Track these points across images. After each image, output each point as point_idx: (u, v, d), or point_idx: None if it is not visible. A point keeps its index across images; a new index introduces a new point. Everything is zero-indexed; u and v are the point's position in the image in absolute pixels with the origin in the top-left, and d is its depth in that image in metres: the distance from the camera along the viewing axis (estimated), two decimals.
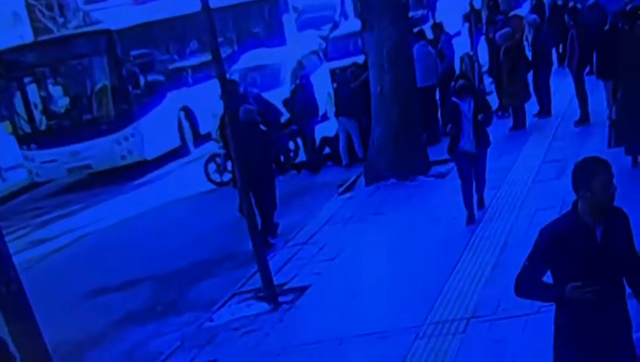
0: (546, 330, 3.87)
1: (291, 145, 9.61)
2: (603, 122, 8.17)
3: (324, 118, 10.17)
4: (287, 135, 9.47)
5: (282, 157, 9.54)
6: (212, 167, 9.18)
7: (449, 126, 5.84)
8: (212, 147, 9.94)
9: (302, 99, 9.04)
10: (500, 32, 8.56)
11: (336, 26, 17.14)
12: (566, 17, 8.41)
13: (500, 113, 9.49)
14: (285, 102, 9.72)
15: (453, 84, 5.94)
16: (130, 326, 5.72)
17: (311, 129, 9.18)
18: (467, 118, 5.66)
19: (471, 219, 5.85)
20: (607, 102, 8.24)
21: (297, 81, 9.32)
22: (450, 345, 4.06)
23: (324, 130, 9.52)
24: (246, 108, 6.54)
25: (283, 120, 9.41)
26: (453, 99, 5.75)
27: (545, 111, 8.87)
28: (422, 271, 5.13)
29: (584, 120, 8.18)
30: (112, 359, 5.23)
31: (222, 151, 9.22)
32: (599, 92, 8.60)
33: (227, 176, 9.14)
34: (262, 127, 8.59)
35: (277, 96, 9.78)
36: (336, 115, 8.93)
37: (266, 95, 9.55)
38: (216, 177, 9.18)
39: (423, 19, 12.82)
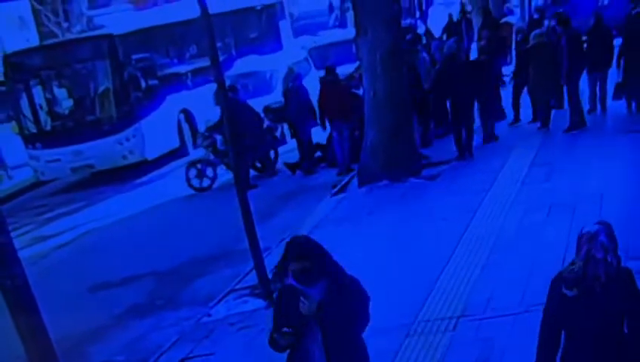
0: (533, 329, 4.02)
1: (272, 153, 9.73)
2: (589, 128, 8.38)
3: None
4: (269, 142, 9.57)
5: (259, 164, 9.62)
6: (193, 172, 9.35)
7: (277, 335, 2.80)
8: None
9: (297, 102, 9.20)
10: (533, 32, 8.77)
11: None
12: (557, 27, 8.62)
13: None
14: (266, 110, 9.87)
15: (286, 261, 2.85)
16: (131, 319, 5.85)
17: (307, 131, 9.35)
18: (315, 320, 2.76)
19: None
20: (589, 95, 8.58)
21: (290, 85, 9.47)
22: (440, 343, 4.17)
23: (315, 135, 9.68)
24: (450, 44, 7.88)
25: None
26: (291, 281, 2.83)
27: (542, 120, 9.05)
28: (413, 270, 5.25)
29: (575, 126, 8.36)
30: (113, 351, 5.36)
31: (204, 157, 9.34)
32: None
33: (206, 182, 9.31)
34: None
35: (268, 103, 10.00)
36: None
37: (257, 101, 9.76)
38: (196, 183, 9.35)
39: (412, 28, 13.02)
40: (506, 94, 9.58)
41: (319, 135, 9.56)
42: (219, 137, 9.09)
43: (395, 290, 5.01)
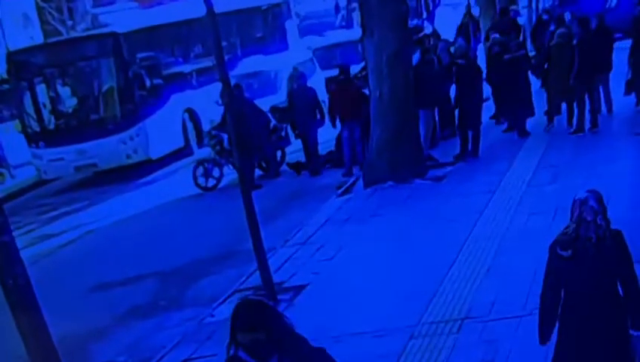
0: (537, 331, 4.01)
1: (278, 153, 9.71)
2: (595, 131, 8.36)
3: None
4: (275, 142, 9.55)
5: (264, 164, 9.60)
6: (200, 171, 9.37)
7: None
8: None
9: (303, 103, 9.18)
10: (558, 32, 8.78)
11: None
12: (575, 27, 8.63)
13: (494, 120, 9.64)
14: (273, 110, 9.85)
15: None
16: (134, 320, 5.86)
17: (314, 132, 9.32)
18: None
19: None
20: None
21: (295, 85, 9.45)
22: (444, 345, 4.17)
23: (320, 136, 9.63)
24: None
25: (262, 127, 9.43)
26: (240, 354, 2.28)
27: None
28: (417, 272, 5.25)
29: (580, 129, 8.34)
30: (116, 351, 5.36)
31: (212, 157, 9.34)
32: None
33: (212, 182, 9.32)
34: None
35: (273, 103, 9.97)
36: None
37: (262, 101, 9.72)
38: (202, 182, 9.36)
39: (418, 29, 13.07)
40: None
41: (322, 136, 9.53)
42: (225, 136, 9.09)
43: (400, 292, 5.02)
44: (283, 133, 9.74)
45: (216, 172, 9.34)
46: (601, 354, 2.87)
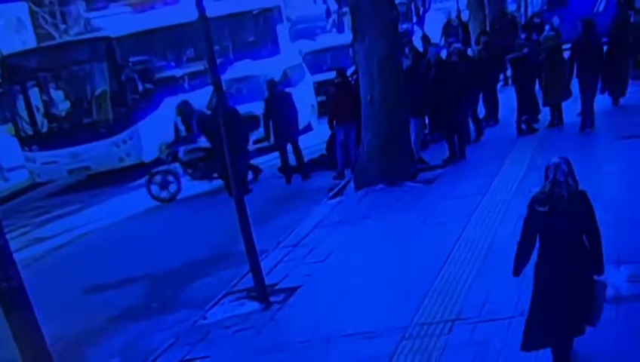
0: None
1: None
2: (586, 132, 8.45)
3: (307, 129, 10.36)
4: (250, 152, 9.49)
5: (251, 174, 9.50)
6: (155, 181, 9.33)
7: None
8: None
9: (286, 109, 9.19)
10: (544, 35, 8.86)
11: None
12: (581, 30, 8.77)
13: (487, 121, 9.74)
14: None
15: None
16: (127, 322, 5.87)
17: (296, 136, 9.30)
18: None
19: None
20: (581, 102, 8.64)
21: (277, 90, 9.38)
22: (435, 346, 4.21)
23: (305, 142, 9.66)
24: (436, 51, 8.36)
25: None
26: None
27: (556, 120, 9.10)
28: (408, 274, 5.29)
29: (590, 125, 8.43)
30: (109, 354, 5.37)
31: (166, 168, 9.29)
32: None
33: (165, 194, 9.26)
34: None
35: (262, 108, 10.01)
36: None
37: (252, 106, 9.63)
38: (156, 192, 9.32)
39: (408, 33, 13.18)
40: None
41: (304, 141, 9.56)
42: (181, 148, 9.10)
43: (391, 293, 5.06)
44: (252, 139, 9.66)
45: (172, 184, 9.25)
46: (571, 297, 3.40)
